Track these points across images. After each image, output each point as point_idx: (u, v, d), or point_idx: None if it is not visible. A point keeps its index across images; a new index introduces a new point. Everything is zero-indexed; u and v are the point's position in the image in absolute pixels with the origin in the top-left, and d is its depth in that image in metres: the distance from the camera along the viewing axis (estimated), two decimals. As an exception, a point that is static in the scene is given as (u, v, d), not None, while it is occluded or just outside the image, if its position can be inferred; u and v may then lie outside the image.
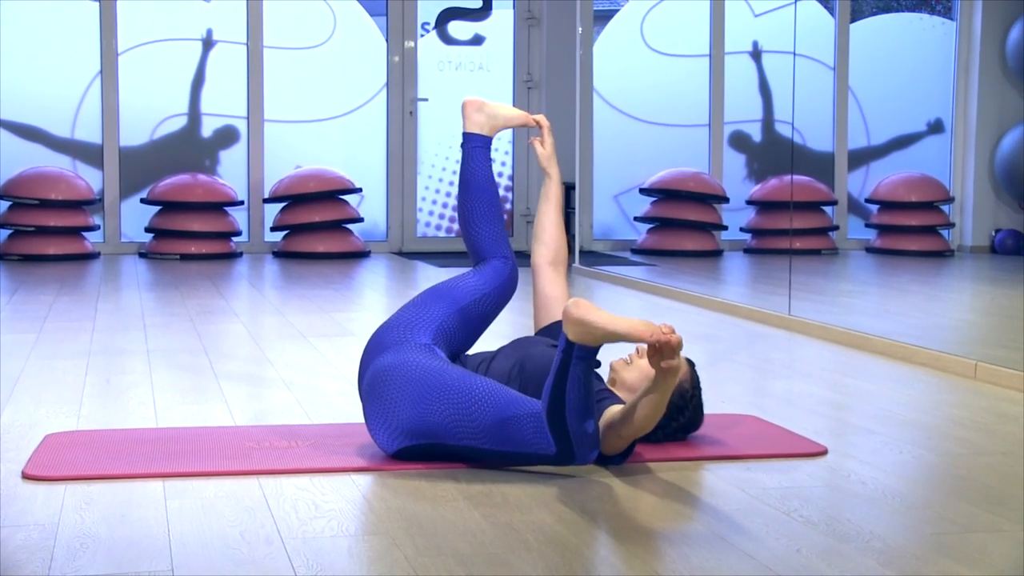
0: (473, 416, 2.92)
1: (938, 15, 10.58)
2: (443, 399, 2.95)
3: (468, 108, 3.49)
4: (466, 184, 3.43)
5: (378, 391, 3.04)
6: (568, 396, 2.82)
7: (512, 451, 2.92)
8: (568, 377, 2.81)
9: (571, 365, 2.80)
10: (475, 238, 3.42)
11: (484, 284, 3.33)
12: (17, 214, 8.84)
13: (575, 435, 2.86)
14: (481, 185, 3.41)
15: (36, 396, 3.87)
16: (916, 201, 9.94)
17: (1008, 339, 5.40)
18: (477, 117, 3.47)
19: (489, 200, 3.42)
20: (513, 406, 2.92)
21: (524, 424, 2.89)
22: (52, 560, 2.31)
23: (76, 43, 9.45)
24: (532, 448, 2.90)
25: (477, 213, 3.41)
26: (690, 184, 9.77)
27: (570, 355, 2.80)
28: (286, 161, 9.75)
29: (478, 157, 3.44)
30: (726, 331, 5.68)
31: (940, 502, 2.81)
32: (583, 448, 2.89)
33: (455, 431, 2.94)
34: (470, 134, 3.47)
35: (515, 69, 10.29)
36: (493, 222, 3.42)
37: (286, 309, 6.20)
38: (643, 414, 2.85)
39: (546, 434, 2.87)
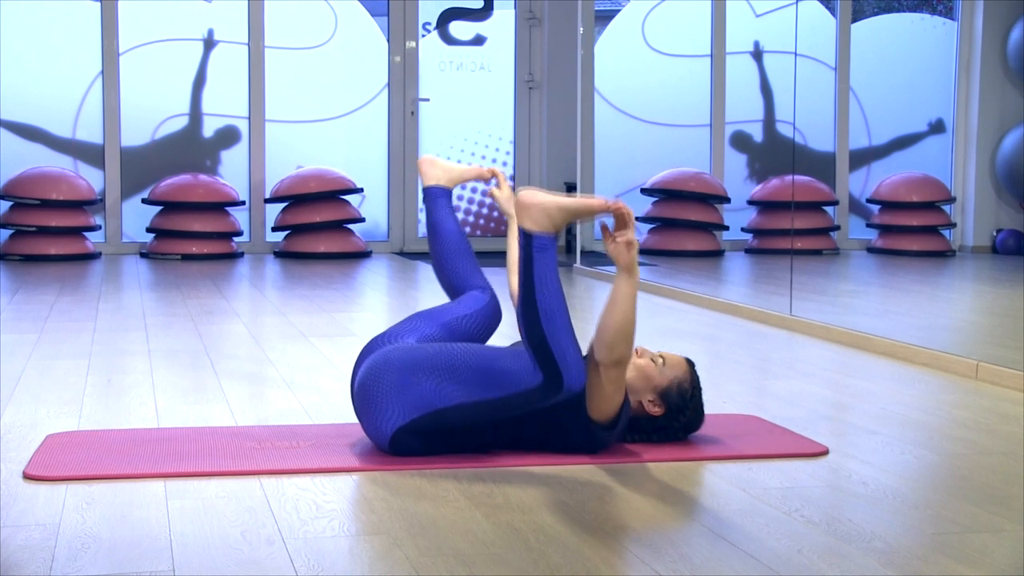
0: (458, 371, 3.01)
1: (939, 15, 10.58)
2: (426, 367, 3.03)
3: (423, 165, 3.65)
4: (434, 231, 3.56)
5: (367, 387, 3.09)
6: (539, 297, 2.93)
7: (502, 395, 2.99)
8: (534, 274, 2.93)
9: (534, 259, 2.92)
10: (449, 276, 3.52)
11: (465, 308, 3.40)
12: (18, 214, 8.85)
13: (555, 345, 2.93)
14: (448, 230, 3.54)
15: (37, 396, 3.87)
16: (917, 201, 9.94)
17: (1009, 339, 5.40)
18: (433, 171, 3.63)
19: (458, 241, 3.53)
20: (494, 354, 3.06)
21: (506, 362, 3.01)
22: (53, 560, 2.31)
23: (77, 43, 9.46)
24: (520, 385, 2.97)
25: (447, 254, 3.51)
26: (691, 184, 9.77)
27: (531, 247, 2.93)
28: (287, 161, 9.75)
29: (440, 206, 3.58)
30: (727, 331, 5.68)
31: (941, 502, 2.81)
32: (566, 364, 2.94)
33: (444, 392, 3.00)
34: (430, 187, 3.61)
35: (516, 69, 10.29)
36: (463, 260, 3.51)
37: (287, 309, 6.20)
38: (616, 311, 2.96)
39: (528, 362, 2.97)
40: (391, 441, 3.05)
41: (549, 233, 2.95)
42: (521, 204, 2.95)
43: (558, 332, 2.94)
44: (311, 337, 5.19)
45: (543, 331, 2.93)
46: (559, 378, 2.94)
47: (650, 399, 3.19)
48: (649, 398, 3.19)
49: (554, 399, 2.98)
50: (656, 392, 3.19)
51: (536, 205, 2.94)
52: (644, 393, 3.19)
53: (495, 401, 2.99)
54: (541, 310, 2.93)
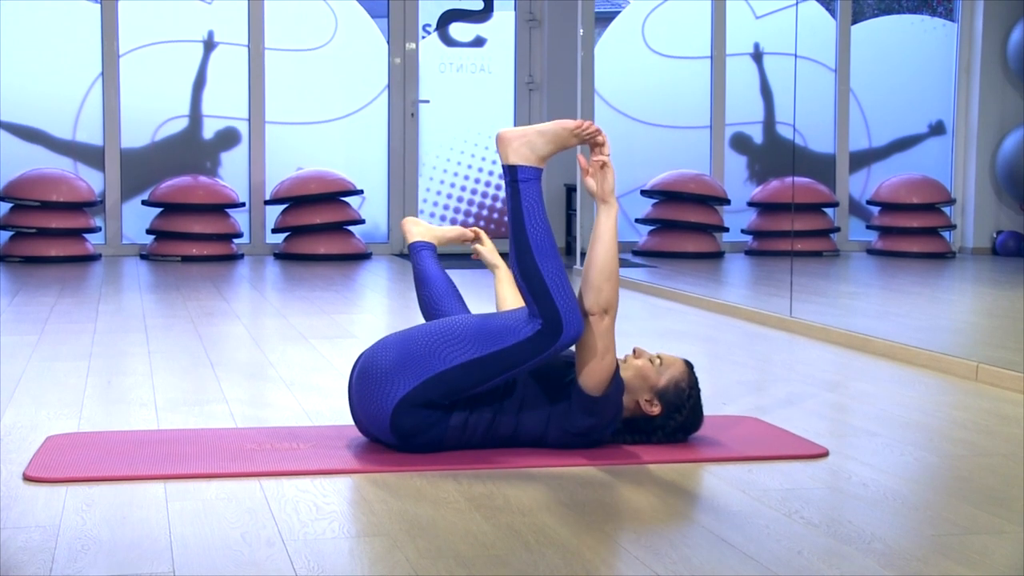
0: (456, 333, 3.05)
1: (939, 17, 10.59)
2: (423, 336, 3.08)
3: (406, 225, 3.76)
4: (421, 280, 3.62)
5: (363, 374, 3.11)
6: (529, 231, 2.99)
7: (502, 348, 3.01)
8: (523, 207, 2.99)
9: (521, 193, 2.99)
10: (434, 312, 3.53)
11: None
12: (18, 216, 8.85)
13: (551, 281, 2.98)
14: (435, 276, 3.60)
15: (37, 398, 3.87)
16: (917, 203, 9.94)
17: (1009, 341, 5.40)
18: (416, 229, 3.72)
19: (444, 286, 3.58)
20: (490, 314, 3.12)
21: (503, 318, 3.06)
22: (53, 562, 2.31)
23: (77, 45, 9.46)
24: (520, 334, 3.00)
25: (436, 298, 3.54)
26: (691, 186, 9.77)
27: (516, 180, 3.00)
28: (287, 163, 9.75)
29: (426, 256, 3.66)
30: (727, 333, 5.68)
31: (941, 504, 2.81)
32: (563, 301, 2.98)
33: (444, 355, 3.03)
34: (416, 243, 3.69)
35: (516, 71, 10.29)
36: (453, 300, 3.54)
37: (287, 311, 6.20)
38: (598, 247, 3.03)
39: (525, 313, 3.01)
40: (392, 420, 3.04)
41: (533, 164, 3.03)
42: (502, 139, 3.03)
43: (552, 268, 3.00)
44: (311, 339, 5.20)
45: (538, 267, 2.99)
46: (557, 318, 2.98)
47: (647, 398, 3.19)
48: (646, 397, 3.19)
49: (555, 345, 3.00)
50: (653, 392, 3.19)
51: (516, 136, 3.02)
52: (641, 393, 3.19)
53: (496, 354, 3.01)
54: (533, 246, 3.00)
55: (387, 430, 3.07)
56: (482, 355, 3.01)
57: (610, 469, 3.03)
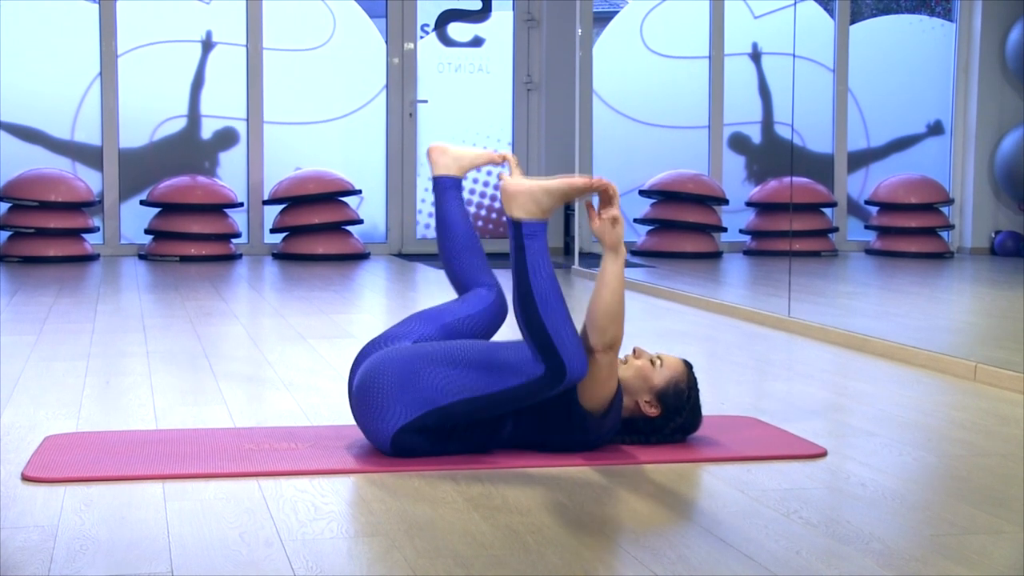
0: (459, 367, 3.00)
1: (938, 17, 10.59)
2: (428, 363, 3.02)
3: (433, 153, 3.56)
4: (442, 224, 3.49)
5: (366, 388, 3.07)
6: (533, 284, 2.92)
7: (504, 388, 2.98)
8: (527, 262, 2.92)
9: (525, 248, 2.91)
10: (456, 271, 3.46)
11: (468, 308, 3.36)
12: (17, 216, 8.84)
13: (553, 331, 2.93)
14: (456, 223, 3.48)
15: (36, 398, 3.87)
16: (916, 203, 9.94)
17: (1008, 341, 5.40)
18: (443, 160, 3.54)
19: (466, 237, 3.47)
20: (495, 347, 3.05)
21: (507, 354, 3.00)
22: (52, 562, 2.31)
23: (76, 45, 9.46)
24: (522, 376, 2.96)
25: (456, 249, 3.46)
26: (690, 186, 9.77)
27: (520, 235, 2.92)
28: (286, 163, 9.75)
29: (451, 197, 3.51)
30: (725, 333, 5.68)
31: (940, 504, 2.81)
32: (566, 349, 2.94)
33: (447, 387, 2.99)
34: (439, 176, 3.53)
35: (515, 71, 10.29)
36: (472, 255, 3.45)
37: (285, 311, 6.20)
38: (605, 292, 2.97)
39: (529, 353, 2.96)
40: (392, 441, 3.04)
41: (538, 219, 2.96)
42: (506, 192, 2.96)
43: (556, 318, 2.94)
44: (309, 339, 5.19)
45: (541, 319, 2.94)
46: (561, 367, 2.94)
47: (646, 400, 3.19)
48: (645, 399, 3.19)
49: (557, 388, 2.98)
50: (652, 393, 3.19)
51: (522, 191, 2.95)
52: (641, 394, 3.19)
53: (498, 395, 2.99)
54: (537, 297, 2.94)
55: (386, 448, 3.07)
56: (484, 393, 2.99)
57: (608, 469, 3.03)
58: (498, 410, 3.03)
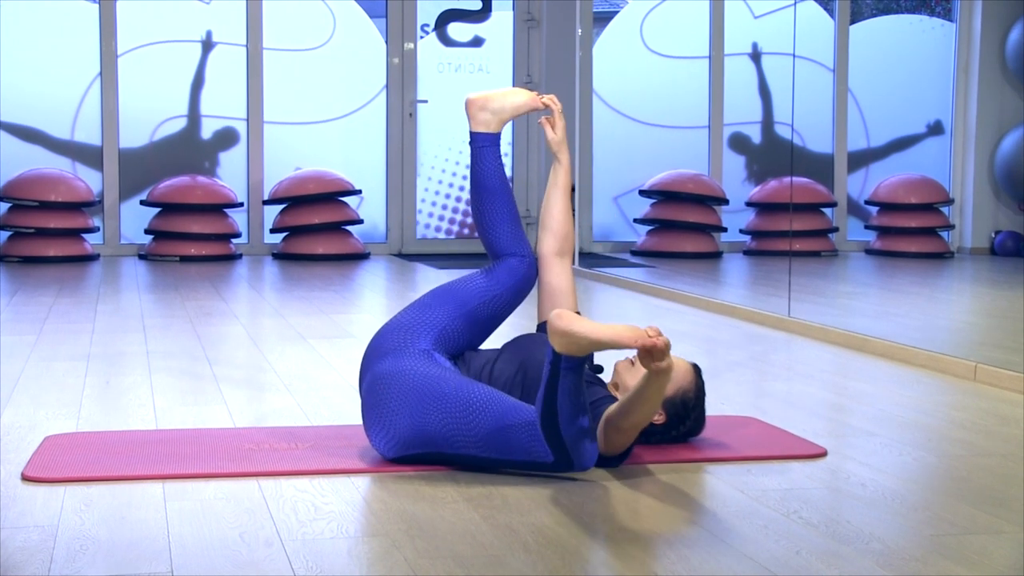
0: (471, 425, 2.91)
1: (938, 17, 10.58)
2: (440, 408, 2.93)
3: (472, 107, 3.42)
4: (478, 184, 3.36)
5: (376, 399, 3.03)
6: (560, 407, 2.82)
7: (510, 459, 2.93)
8: (558, 389, 2.81)
9: (560, 376, 2.80)
10: (492, 237, 3.33)
11: (496, 285, 3.26)
12: (17, 216, 8.84)
13: (570, 444, 2.86)
14: (494, 184, 3.34)
15: (36, 398, 3.87)
16: (916, 203, 9.94)
17: (1008, 341, 5.40)
18: (482, 115, 3.40)
19: (503, 198, 3.34)
20: (510, 415, 2.90)
21: (521, 433, 2.89)
22: (52, 562, 2.31)
23: (76, 45, 9.45)
24: (530, 456, 2.90)
25: (492, 212, 3.33)
26: (690, 186, 9.77)
27: (558, 367, 2.79)
28: (286, 163, 9.75)
29: (488, 156, 3.37)
30: (725, 333, 5.68)
31: (940, 504, 2.81)
32: (579, 456, 2.89)
33: (453, 440, 2.94)
34: (477, 133, 3.39)
35: (515, 71, 10.28)
36: (510, 220, 3.33)
37: (286, 311, 6.20)
38: (636, 415, 2.86)
39: (542, 443, 2.87)
40: (392, 460, 3.04)
41: (577, 355, 2.79)
42: (553, 329, 2.78)
43: (575, 433, 2.85)
44: (309, 339, 5.19)
45: (560, 434, 2.85)
46: (570, 464, 2.90)
47: (652, 408, 3.17)
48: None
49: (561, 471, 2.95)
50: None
51: (568, 335, 2.76)
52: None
53: (500, 462, 2.94)
54: (561, 418, 2.83)
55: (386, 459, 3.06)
56: (488, 457, 2.94)
57: (609, 469, 3.03)
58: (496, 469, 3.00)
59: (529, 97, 3.42)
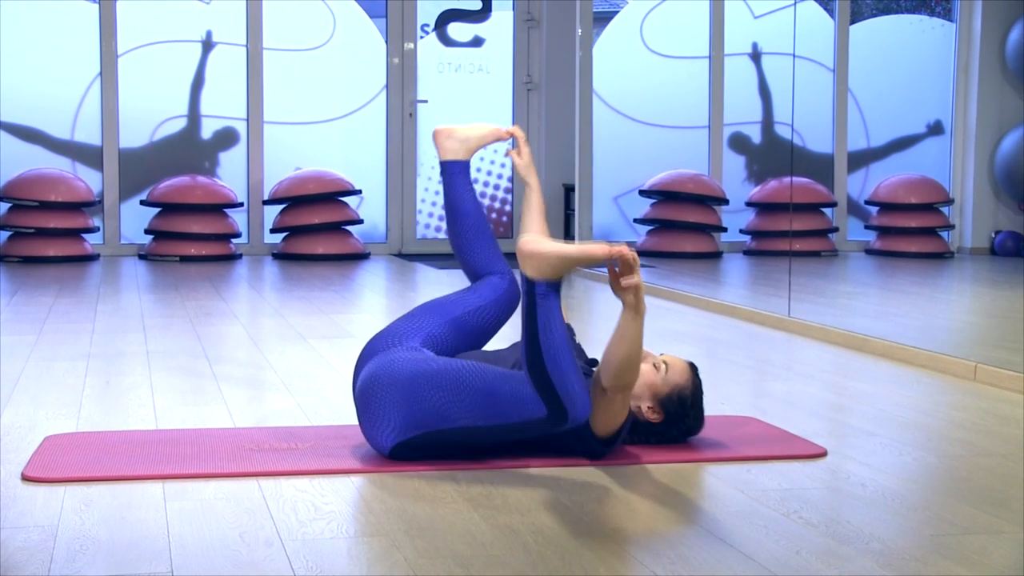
0: (463, 395, 2.96)
1: (938, 17, 10.59)
2: (431, 386, 2.98)
3: (439, 137, 3.51)
4: (452, 209, 3.44)
5: (368, 395, 3.06)
6: (542, 341, 2.86)
7: (506, 423, 2.95)
8: (538, 320, 2.85)
9: (537, 306, 2.85)
10: (469, 259, 3.43)
11: (479, 298, 3.33)
12: (17, 216, 8.84)
13: (559, 385, 2.88)
14: (467, 209, 3.43)
15: (36, 398, 3.87)
16: (916, 203, 9.94)
17: (1008, 341, 5.40)
18: (449, 144, 3.49)
19: (477, 222, 3.43)
20: (499, 379, 2.97)
21: (512, 392, 2.94)
22: (52, 562, 2.31)
23: (76, 45, 9.46)
24: (524, 415, 2.93)
25: (468, 236, 3.42)
26: (690, 186, 9.77)
27: (534, 295, 2.86)
28: (286, 163, 9.75)
29: (459, 182, 3.46)
30: (725, 333, 5.68)
31: (940, 504, 2.81)
32: (571, 402, 2.89)
33: (447, 414, 2.96)
34: (446, 161, 3.48)
35: (515, 71, 10.29)
36: (485, 241, 3.42)
37: (286, 311, 6.20)
38: (618, 363, 2.89)
39: (534, 397, 2.91)
40: (390, 452, 3.04)
41: (551, 280, 2.86)
42: (522, 253, 2.85)
43: (562, 371, 2.87)
44: (309, 339, 5.19)
45: (548, 374, 2.87)
46: (563, 413, 2.90)
47: (649, 406, 3.18)
48: (648, 404, 3.18)
49: (557, 430, 2.96)
50: (656, 399, 3.17)
51: (537, 255, 2.83)
52: (643, 399, 3.18)
53: (498, 427, 2.96)
54: (546, 355, 2.86)
55: (385, 455, 3.07)
56: (485, 425, 2.96)
57: (609, 469, 3.03)
58: (496, 439, 3.02)
59: (492, 128, 3.54)
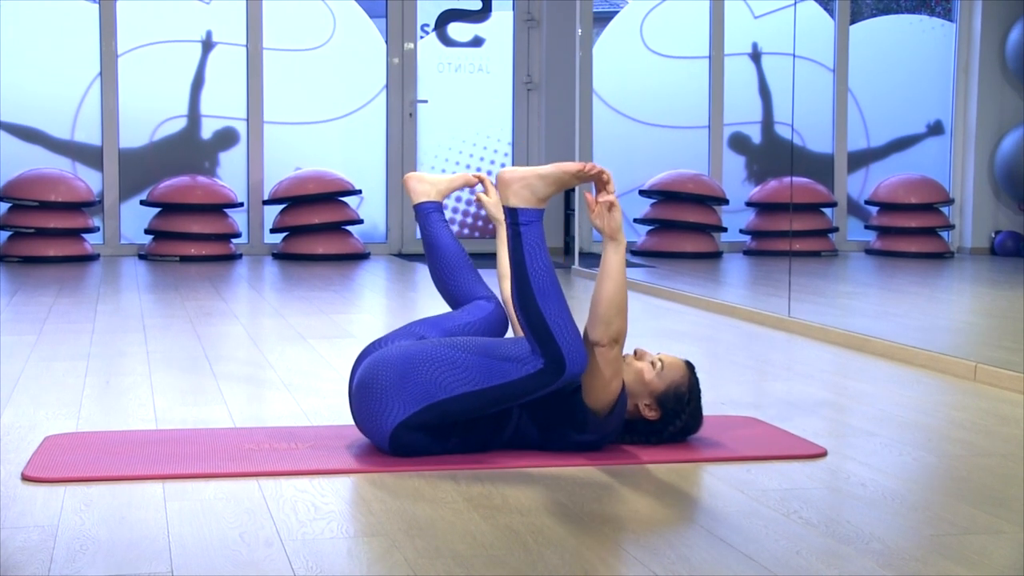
0: (458, 363, 3.01)
1: (938, 17, 10.59)
2: (425, 360, 3.03)
3: (410, 182, 3.68)
4: (432, 247, 3.58)
5: (364, 388, 3.08)
6: (530, 271, 2.95)
7: (503, 383, 2.99)
8: (524, 250, 2.95)
9: (522, 236, 2.95)
10: (454, 288, 3.54)
11: (467, 316, 3.42)
12: (17, 216, 8.84)
13: (553, 326, 2.94)
14: (445, 245, 3.58)
15: (36, 398, 3.87)
16: (916, 203, 9.94)
17: (1008, 341, 5.40)
18: (421, 187, 3.66)
19: (456, 255, 3.56)
20: (493, 342, 3.08)
21: (507, 349, 3.02)
22: (52, 562, 2.31)
23: (76, 44, 9.46)
24: (522, 370, 2.97)
25: (448, 269, 3.54)
26: (690, 186, 9.77)
27: (517, 225, 2.97)
28: (286, 163, 9.75)
29: (435, 220, 3.61)
30: (725, 333, 5.68)
31: (940, 504, 2.81)
32: (566, 341, 2.94)
33: (445, 383, 3.00)
34: (419, 204, 3.63)
35: (515, 71, 10.29)
36: (465, 271, 3.54)
37: (285, 311, 6.20)
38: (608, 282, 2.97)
39: (530, 353, 2.97)
40: (391, 438, 3.04)
41: (534, 207, 2.98)
42: (502, 181, 2.99)
43: (554, 309, 2.95)
44: (309, 339, 5.19)
45: (539, 307, 2.95)
46: (560, 360, 2.94)
47: (646, 403, 3.19)
48: (646, 402, 3.19)
49: (557, 383, 2.98)
50: (652, 397, 3.18)
51: (517, 179, 2.98)
52: (641, 397, 3.19)
53: (497, 389, 2.99)
54: (534, 285, 2.96)
55: (385, 446, 3.08)
56: (483, 388, 2.99)
57: (608, 469, 3.03)
58: (498, 406, 3.03)
59: (462, 175, 3.74)
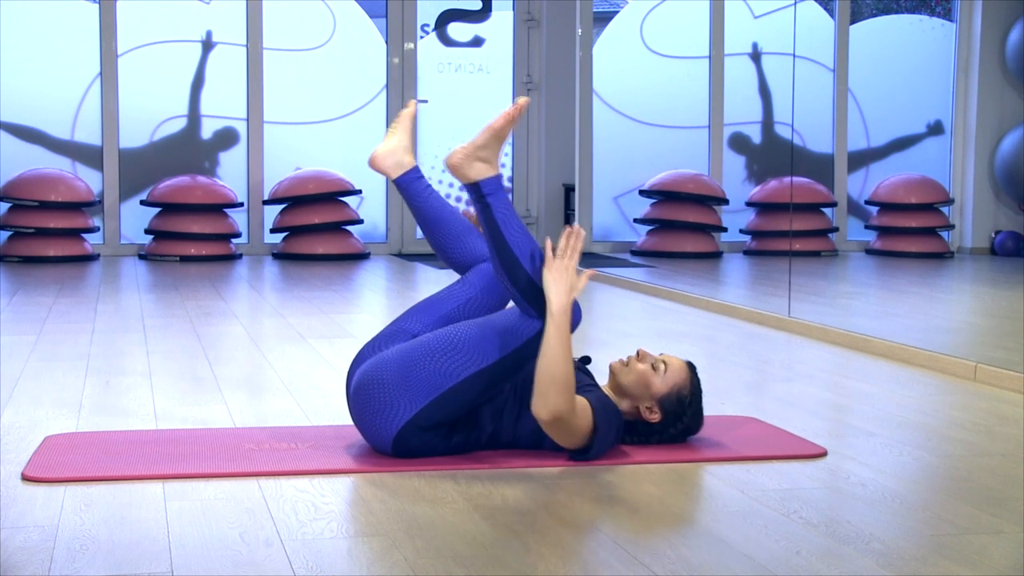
0: (458, 347, 3.02)
1: (938, 16, 10.59)
2: (424, 354, 3.03)
3: (377, 162, 3.49)
4: (424, 220, 3.43)
5: (363, 391, 3.07)
6: (508, 237, 3.01)
7: (506, 354, 3.01)
8: (496, 219, 3.01)
9: (491, 205, 3.02)
10: (455, 254, 3.40)
11: (469, 288, 3.31)
12: (17, 216, 8.84)
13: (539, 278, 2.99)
14: (437, 212, 3.42)
15: (36, 398, 3.87)
16: (916, 203, 9.94)
17: (1008, 341, 5.40)
18: (390, 160, 3.47)
19: (449, 222, 3.40)
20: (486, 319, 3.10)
21: (501, 320, 3.04)
22: (52, 562, 2.31)
23: (76, 44, 9.45)
24: (521, 336, 3.00)
25: (445, 237, 3.40)
26: (690, 186, 9.77)
27: (483, 197, 3.03)
28: (286, 163, 9.75)
29: (419, 190, 3.43)
30: (725, 333, 5.68)
31: (940, 504, 2.81)
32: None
33: (449, 371, 3.00)
34: (397, 178, 3.46)
35: (515, 71, 10.28)
36: (466, 233, 3.40)
37: (286, 311, 6.20)
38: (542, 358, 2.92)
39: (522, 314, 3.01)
40: (395, 439, 3.03)
41: (491, 175, 3.05)
42: (451, 166, 3.06)
43: (538, 266, 3.01)
44: (309, 339, 5.19)
45: (524, 268, 3.00)
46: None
47: (647, 406, 3.18)
48: (647, 404, 3.18)
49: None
50: (654, 399, 3.18)
51: (463, 157, 3.05)
52: (642, 400, 3.18)
53: (500, 363, 3.01)
54: (515, 249, 3.01)
55: (387, 449, 3.07)
56: (488, 364, 3.00)
57: (608, 469, 3.03)
58: (504, 378, 3.04)
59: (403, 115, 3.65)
